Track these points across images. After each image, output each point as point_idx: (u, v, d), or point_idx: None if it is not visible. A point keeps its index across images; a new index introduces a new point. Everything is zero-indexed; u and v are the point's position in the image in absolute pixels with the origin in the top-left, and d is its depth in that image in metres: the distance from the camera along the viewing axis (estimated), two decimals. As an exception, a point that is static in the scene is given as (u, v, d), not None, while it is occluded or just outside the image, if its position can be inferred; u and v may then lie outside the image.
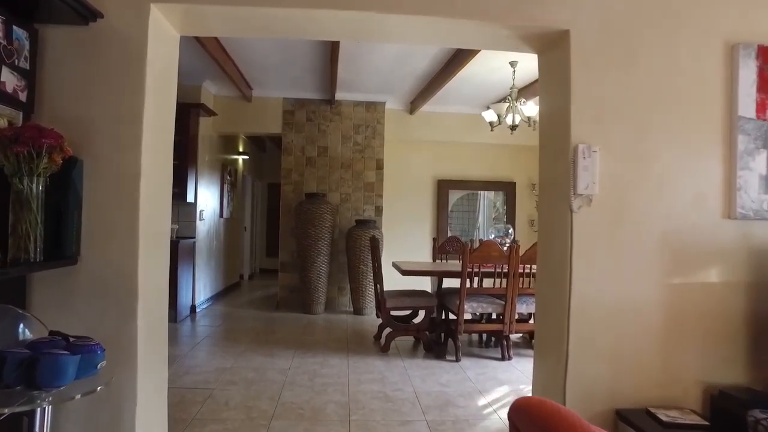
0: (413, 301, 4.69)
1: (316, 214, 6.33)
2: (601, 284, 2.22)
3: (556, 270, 2.35)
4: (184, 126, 5.97)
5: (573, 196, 2.23)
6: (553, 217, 2.39)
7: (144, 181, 2.10)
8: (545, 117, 2.56)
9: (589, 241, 2.22)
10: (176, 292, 5.64)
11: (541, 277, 2.57)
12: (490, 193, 8.06)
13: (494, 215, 8.16)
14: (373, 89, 6.69)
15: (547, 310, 2.47)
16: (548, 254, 2.47)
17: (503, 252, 4.39)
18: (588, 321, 2.21)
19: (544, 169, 2.55)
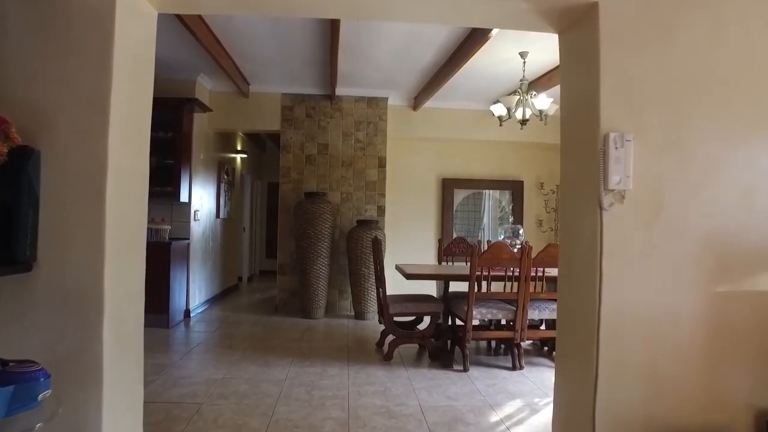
0: (418, 306, 4.42)
1: (316, 214, 6.05)
2: (636, 293, 1.94)
3: (582, 276, 2.07)
4: (177, 122, 5.72)
5: (603, 192, 1.95)
6: (579, 216, 2.11)
7: (112, 175, 1.83)
8: (568, 104, 2.28)
9: (621, 243, 1.94)
10: (168, 297, 5.38)
11: (564, 284, 2.29)
12: (496, 193, 7.77)
13: (500, 215, 7.87)
14: (375, 84, 6.42)
15: (571, 322, 2.19)
16: (572, 258, 2.19)
17: (514, 254, 4.11)
18: (620, 335, 1.93)
19: (568, 162, 2.27)
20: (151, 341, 4.73)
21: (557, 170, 7.38)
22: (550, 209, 7.52)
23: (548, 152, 7.67)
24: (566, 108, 2.29)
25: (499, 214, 7.87)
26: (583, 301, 2.04)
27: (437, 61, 5.45)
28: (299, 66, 5.82)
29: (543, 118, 4.69)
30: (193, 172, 6.06)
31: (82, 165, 1.81)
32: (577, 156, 2.15)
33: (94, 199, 1.80)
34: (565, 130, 2.30)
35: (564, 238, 2.32)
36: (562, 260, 2.31)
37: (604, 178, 1.94)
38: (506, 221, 7.78)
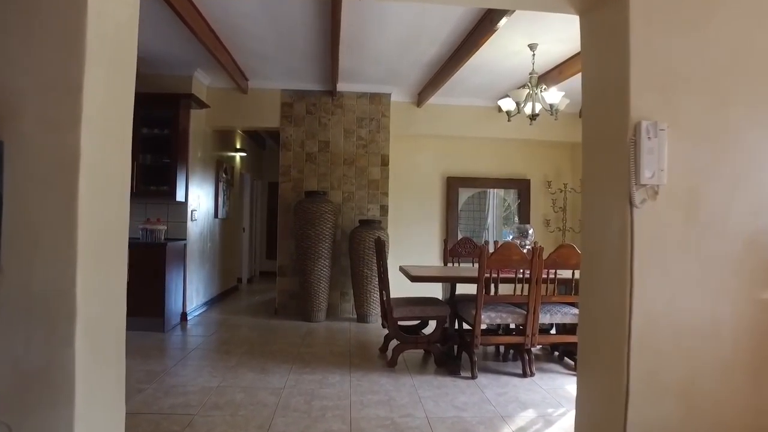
0: (423, 310, 4.21)
1: (317, 213, 5.86)
2: (671, 300, 1.74)
3: (609, 281, 1.86)
4: (173, 119, 5.53)
5: (634, 187, 1.74)
6: (605, 215, 1.91)
7: (86, 170, 1.64)
8: (591, 92, 2.08)
9: (654, 244, 1.74)
10: (164, 299, 5.19)
11: (588, 290, 2.09)
12: (500, 192, 7.56)
13: (504, 214, 7.65)
14: (378, 79, 6.22)
15: (596, 331, 1.99)
16: (597, 261, 1.99)
17: (525, 255, 3.90)
18: (654, 347, 1.73)
19: (592, 156, 2.06)
20: (145, 346, 4.54)
21: (565, 168, 7.19)
22: (558, 209, 7.30)
23: (555, 150, 7.47)
24: (589, 96, 2.08)
25: (503, 213, 7.66)
26: (611, 308, 1.84)
27: (442, 54, 5.25)
28: (299, 61, 5.63)
29: (554, 113, 4.48)
30: (190, 171, 5.87)
31: (51, 158, 1.61)
32: (603, 149, 1.95)
33: (65, 197, 1.61)
34: (589, 121, 2.10)
35: (587, 240, 2.12)
36: (585, 264, 2.11)
37: (636, 172, 1.74)
38: (511, 221, 7.57)
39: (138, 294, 5.26)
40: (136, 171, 5.42)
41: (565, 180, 7.39)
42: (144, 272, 5.13)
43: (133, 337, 4.88)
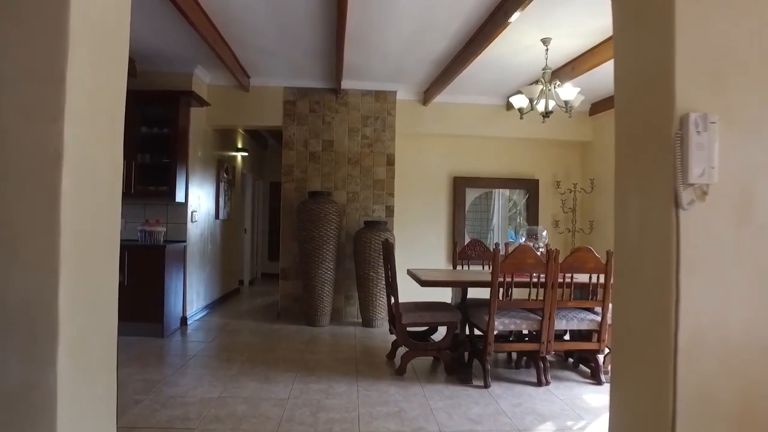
0: (433, 315, 4.03)
1: (321, 214, 5.68)
2: (723, 312, 1.55)
3: (650, 291, 1.67)
4: (172, 117, 5.36)
5: (681, 187, 1.55)
6: (645, 216, 1.72)
7: (70, 166, 1.46)
8: (626, 80, 1.89)
9: (704, 249, 1.55)
10: (163, 304, 5.02)
11: (623, 300, 1.90)
12: (506, 192, 7.37)
13: (509, 214, 7.46)
14: (383, 77, 6.05)
15: (633, 348, 1.80)
16: (635, 268, 1.79)
17: (540, 258, 3.72)
18: (704, 365, 1.54)
19: (627, 152, 1.87)
20: (143, 353, 4.36)
21: (574, 168, 7.00)
22: (568, 209, 7.12)
23: (565, 149, 7.29)
24: (624, 86, 1.89)
25: (509, 214, 7.46)
26: (652, 321, 1.65)
27: (451, 49, 5.07)
28: (302, 56, 5.45)
29: (568, 110, 4.29)
30: (190, 171, 5.70)
31: (31, 153, 1.43)
32: (642, 144, 1.76)
33: (47, 196, 1.43)
34: (624, 114, 1.90)
35: (621, 245, 1.92)
36: (620, 270, 1.92)
37: (683, 170, 1.55)
38: (516, 222, 7.39)
39: (136, 298, 5.13)
40: (135, 171, 5.26)
41: (574, 180, 7.21)
42: (142, 275, 4.96)
43: (131, 343, 4.72)
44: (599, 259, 3.76)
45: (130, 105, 5.24)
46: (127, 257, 4.98)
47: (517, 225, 7.42)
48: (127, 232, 5.62)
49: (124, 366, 3.99)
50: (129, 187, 5.24)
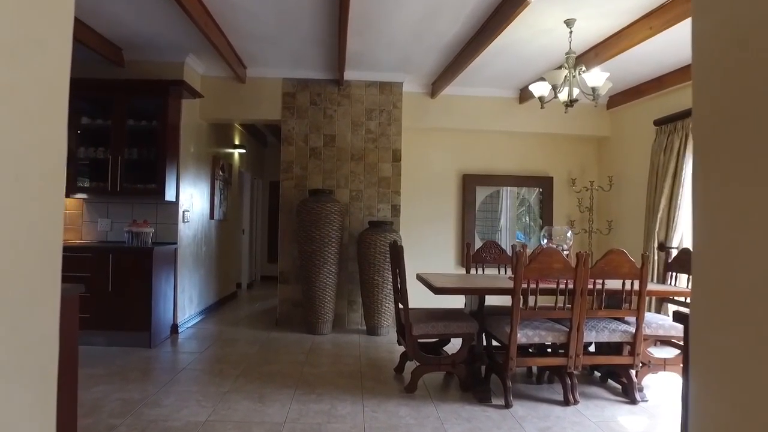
0: (447, 326, 3.62)
1: (322, 214, 5.28)
2: None
3: (761, 302, 1.27)
4: (161, 109, 4.96)
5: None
6: (751, 210, 1.31)
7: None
8: (716, 42, 1.48)
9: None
10: (150, 311, 4.62)
11: (707, 315, 1.49)
12: (514, 190, 6.95)
13: (518, 213, 7.04)
14: (389, 66, 5.65)
15: (727, 375, 1.39)
16: (732, 274, 1.39)
17: (568, 263, 3.31)
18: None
19: (716, 131, 1.46)
20: (126, 367, 3.96)
21: (590, 165, 6.50)
22: (585, 208, 6.71)
23: (580, 145, 6.88)
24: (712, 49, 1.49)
25: (518, 212, 7.03)
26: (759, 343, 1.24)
27: (464, 35, 4.67)
28: (302, 45, 5.06)
29: (595, 97, 3.88)
30: (181, 167, 5.30)
31: None
32: (741, 122, 1.35)
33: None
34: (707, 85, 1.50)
35: (705, 244, 1.52)
36: (702, 276, 1.51)
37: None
38: (523, 221, 6.97)
39: (121, 305, 4.72)
40: (121, 167, 4.86)
41: (590, 177, 6.80)
42: (128, 281, 4.57)
43: (114, 354, 4.33)
44: (634, 263, 3.35)
45: (115, 96, 4.78)
46: (111, 261, 4.59)
47: (528, 225, 7.01)
48: (114, 234, 5.23)
49: (102, 383, 3.59)
50: (115, 185, 4.85)
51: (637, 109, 6.07)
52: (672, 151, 5.13)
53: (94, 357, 4.26)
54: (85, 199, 5.21)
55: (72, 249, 4.61)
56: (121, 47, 5.11)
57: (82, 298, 4.76)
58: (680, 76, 5.23)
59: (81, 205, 5.27)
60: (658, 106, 5.62)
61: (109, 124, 4.92)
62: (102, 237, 5.25)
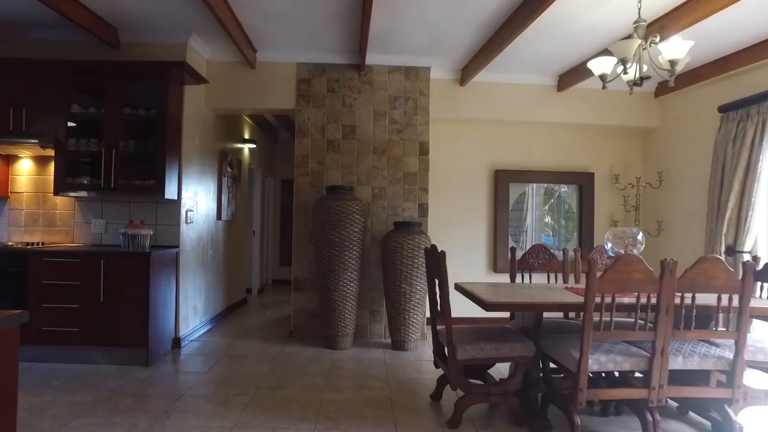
0: (499, 348, 2.99)
1: (342, 214, 4.68)
2: None
3: None
4: (161, 96, 4.38)
5: None
6: None
7: None
8: None
9: None
10: (147, 324, 4.04)
11: None
12: (543, 187, 6.27)
13: (544, 212, 6.39)
14: (416, 48, 5.03)
15: None
16: None
17: (651, 274, 2.68)
18: None
19: None
20: (115, 392, 3.38)
21: (635, 159, 5.76)
22: (630, 207, 6.04)
23: (624, 138, 6.22)
24: None
25: (544, 211, 6.36)
26: None
27: (503, 11, 4.07)
28: (320, 23, 4.46)
29: (672, 72, 3.23)
30: (184, 162, 4.73)
31: None
32: None
33: None
34: None
35: None
36: None
37: None
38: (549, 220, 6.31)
39: (114, 318, 3.98)
40: (116, 161, 4.30)
41: (636, 173, 6.14)
42: (122, 290, 4.01)
43: (106, 375, 3.76)
44: (733, 274, 2.70)
45: (109, 81, 4.06)
46: (103, 268, 4.02)
47: (562, 226, 6.34)
48: (109, 236, 4.67)
49: (85, 413, 3.02)
50: (109, 180, 4.28)
51: (693, 95, 5.40)
52: (744, 141, 4.46)
53: (82, 379, 3.69)
54: (78, 197, 4.65)
55: (58, 254, 4.05)
56: (116, 27, 4.55)
57: (71, 311, 4.25)
58: (750, 55, 4.56)
59: (73, 205, 4.72)
60: (720, 91, 4.95)
61: (102, 113, 4.37)
62: (96, 239, 4.69)
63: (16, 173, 4.74)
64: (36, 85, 4.32)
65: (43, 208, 4.74)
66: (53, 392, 3.40)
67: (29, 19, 4.35)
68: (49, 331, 4.02)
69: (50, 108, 4.32)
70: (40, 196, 4.74)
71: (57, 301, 4.03)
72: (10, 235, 4.72)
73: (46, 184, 4.68)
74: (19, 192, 4.74)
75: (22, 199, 4.74)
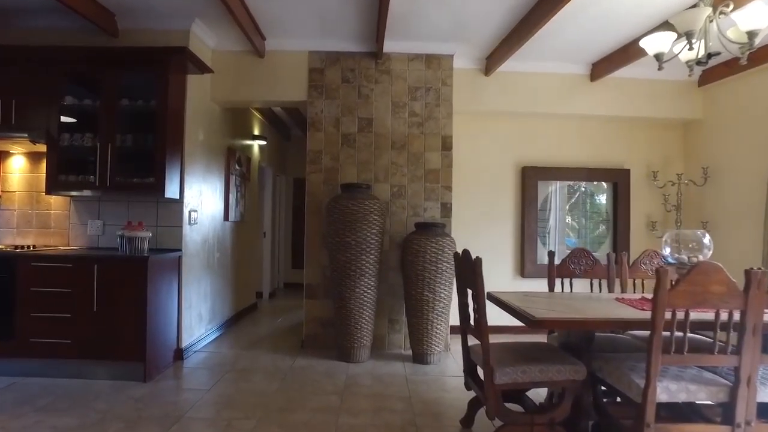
0: (544, 371, 2.55)
1: (359, 214, 4.26)
2: None
3: None
4: (161, 86, 4.00)
5: None
6: None
7: None
8: None
9: None
10: (145, 335, 3.66)
11: None
12: (565, 186, 5.79)
13: (569, 215, 5.90)
14: (438, 33, 4.61)
15: None
16: None
17: (734, 286, 2.22)
18: None
19: None
20: (108, 413, 3.00)
21: (675, 154, 5.10)
22: (671, 207, 5.55)
23: (662, 131, 5.75)
24: None
25: (567, 210, 5.87)
26: None
27: (543, -20, 3.62)
28: (334, 6, 4.07)
29: (750, 46, 2.76)
30: (186, 158, 4.36)
31: None
32: None
33: None
34: None
35: None
36: None
37: None
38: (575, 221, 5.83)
39: (108, 329, 3.55)
40: (112, 156, 3.93)
41: (676, 169, 5.65)
42: (117, 298, 3.64)
43: (98, 393, 3.37)
44: (832, 284, 2.23)
45: (105, 69, 3.66)
46: (96, 274, 3.65)
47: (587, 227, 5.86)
48: (107, 238, 4.31)
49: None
50: (104, 178, 3.92)
51: (742, 83, 4.91)
52: (810, 131, 3.97)
53: (71, 397, 3.32)
54: (72, 196, 4.30)
55: (47, 258, 3.69)
56: (113, 12, 4.19)
57: (62, 321, 3.89)
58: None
59: (68, 205, 4.36)
60: (777, 78, 4.47)
61: (98, 105, 4.01)
62: (93, 242, 4.33)
63: (7, 171, 4.40)
64: (26, 74, 3.97)
65: (37, 208, 4.39)
66: (37, 414, 3.03)
67: (19, 3, 4.00)
68: (38, 342, 3.66)
69: (41, 99, 3.97)
70: (34, 196, 4.39)
71: (47, 310, 3.67)
72: (2, 238, 4.38)
73: (39, 183, 4.34)
74: (11, 191, 4.40)
75: (14, 198, 4.40)
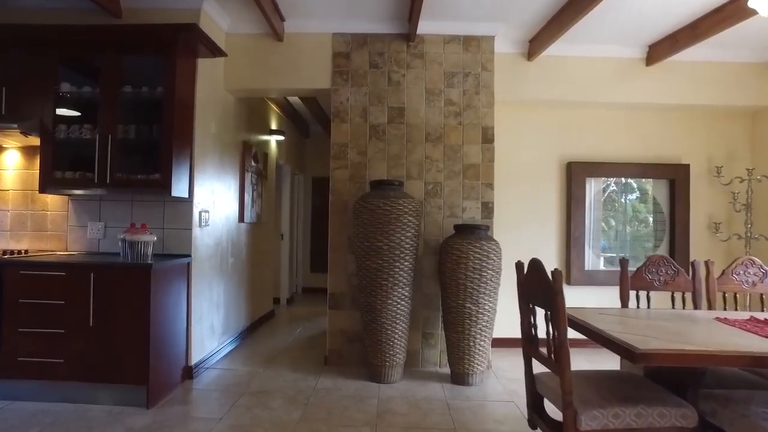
0: (642, 415, 1.99)
1: (391, 215, 3.74)
2: None
3: None
4: (167, 69, 3.53)
5: None
6: None
7: None
8: None
9: None
10: (148, 354, 3.18)
11: None
12: (599, 182, 5.17)
13: (609, 216, 5.28)
14: (478, 12, 4.08)
15: None
16: None
17: None
18: None
19: None
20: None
21: (742, 147, 4.16)
22: (740, 206, 4.93)
23: (726, 121, 5.14)
24: None
25: (603, 210, 5.24)
26: None
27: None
28: (363, -26, 3.57)
29: None
30: (197, 153, 3.89)
31: None
32: None
33: None
34: None
35: None
36: None
37: None
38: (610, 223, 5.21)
39: (106, 347, 2.98)
40: (113, 150, 3.47)
41: (744, 164, 5.04)
42: (116, 311, 3.17)
43: (93, 422, 2.83)
44: None
45: (106, 52, 3.10)
46: (93, 284, 3.19)
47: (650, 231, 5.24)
48: (108, 242, 3.86)
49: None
50: (104, 174, 3.46)
51: (830, 64, 4.29)
52: None
53: (63, 425, 2.85)
54: (69, 195, 3.86)
55: (38, 265, 3.24)
56: (116, -12, 3.74)
57: (54, 337, 3.35)
58: None
59: (66, 205, 3.92)
60: None
61: (98, 92, 3.56)
62: (93, 246, 3.88)
63: (0, 167, 3.98)
64: (18, 58, 3.53)
65: (32, 208, 3.96)
66: (19, 451, 2.57)
67: (10, -22, 3.58)
68: (27, 362, 3.21)
69: (35, 86, 3.52)
70: (29, 195, 3.96)
71: (37, 325, 3.21)
72: (-6, 242, 3.96)
73: (35, 180, 3.88)
74: (4, 190, 3.98)
75: (8, 198, 3.97)
